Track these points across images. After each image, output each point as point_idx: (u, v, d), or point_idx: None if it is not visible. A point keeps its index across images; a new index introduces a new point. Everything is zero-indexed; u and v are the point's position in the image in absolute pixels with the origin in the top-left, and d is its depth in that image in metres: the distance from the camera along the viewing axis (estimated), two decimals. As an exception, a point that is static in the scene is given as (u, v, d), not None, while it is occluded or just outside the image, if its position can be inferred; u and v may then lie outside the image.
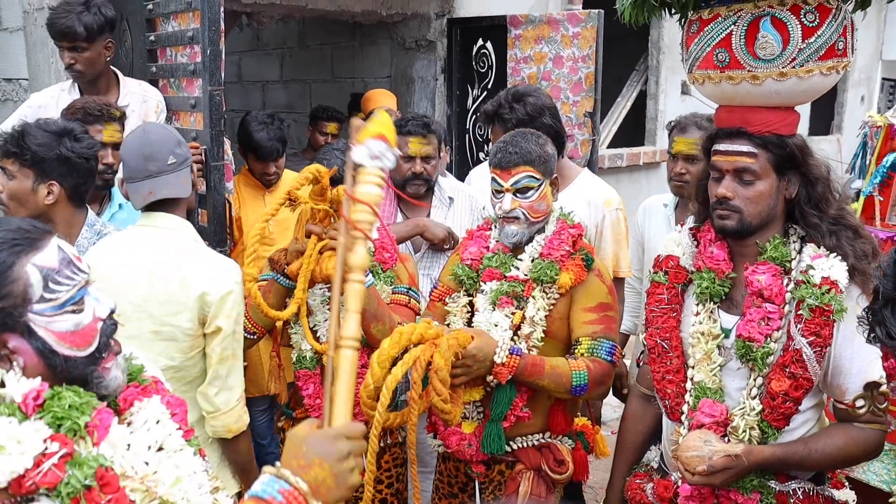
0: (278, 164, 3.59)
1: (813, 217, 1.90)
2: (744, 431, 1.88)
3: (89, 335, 1.25)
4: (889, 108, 4.20)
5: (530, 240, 2.32)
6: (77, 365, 1.24)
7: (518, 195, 2.26)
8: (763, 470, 1.88)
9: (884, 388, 1.81)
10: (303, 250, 2.25)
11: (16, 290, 1.18)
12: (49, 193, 2.27)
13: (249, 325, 2.36)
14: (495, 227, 2.42)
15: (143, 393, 1.38)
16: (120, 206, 2.81)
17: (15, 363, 1.20)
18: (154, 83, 3.40)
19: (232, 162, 3.14)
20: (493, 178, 2.31)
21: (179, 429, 1.41)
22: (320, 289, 2.40)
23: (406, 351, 2.03)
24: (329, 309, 2.38)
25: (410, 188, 3.00)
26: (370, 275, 2.31)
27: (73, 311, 1.23)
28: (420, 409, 2.04)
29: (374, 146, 1.40)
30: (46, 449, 1.16)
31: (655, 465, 2.22)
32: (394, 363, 1.98)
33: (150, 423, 1.36)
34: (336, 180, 2.26)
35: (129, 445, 1.29)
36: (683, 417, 1.98)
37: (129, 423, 1.35)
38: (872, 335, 1.41)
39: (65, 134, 2.25)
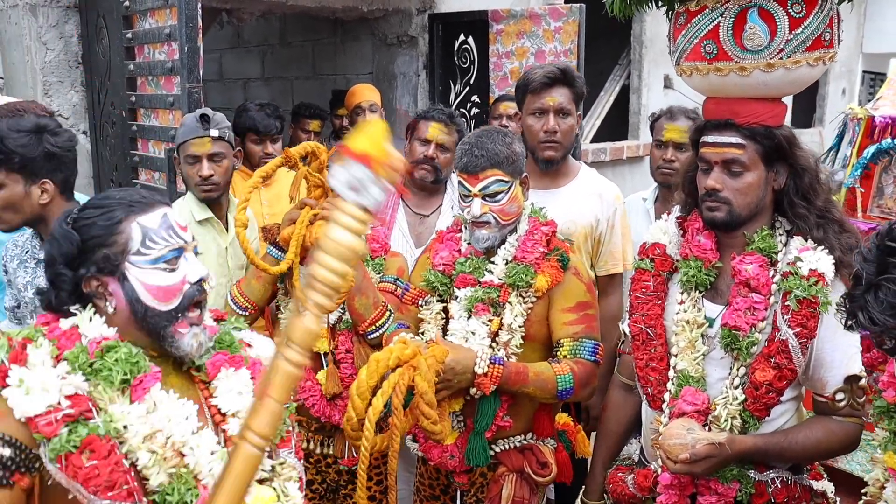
0: (276, 146, 3.56)
1: (801, 208, 1.91)
2: (725, 421, 1.88)
3: (173, 293, 1.42)
4: (870, 100, 4.22)
5: (503, 241, 2.24)
6: (156, 317, 1.41)
7: (487, 199, 2.17)
8: (743, 460, 1.89)
9: (863, 382, 1.82)
10: (296, 218, 2.31)
11: (119, 241, 1.41)
12: (43, 192, 2.18)
13: (241, 299, 2.40)
14: (465, 228, 2.34)
15: (230, 362, 1.50)
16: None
17: (108, 303, 1.43)
18: (132, 80, 3.36)
19: None
20: (459, 183, 2.22)
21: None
22: None
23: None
24: None
25: (418, 172, 2.94)
26: None
27: (164, 269, 1.42)
28: (403, 431, 2.00)
29: (355, 172, 1.07)
30: (59, 403, 1.30)
31: (636, 458, 2.21)
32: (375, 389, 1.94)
33: (230, 393, 1.47)
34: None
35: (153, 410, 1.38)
36: (665, 406, 1.98)
37: (211, 391, 1.49)
38: (853, 321, 1.40)
39: (42, 130, 2.17)
